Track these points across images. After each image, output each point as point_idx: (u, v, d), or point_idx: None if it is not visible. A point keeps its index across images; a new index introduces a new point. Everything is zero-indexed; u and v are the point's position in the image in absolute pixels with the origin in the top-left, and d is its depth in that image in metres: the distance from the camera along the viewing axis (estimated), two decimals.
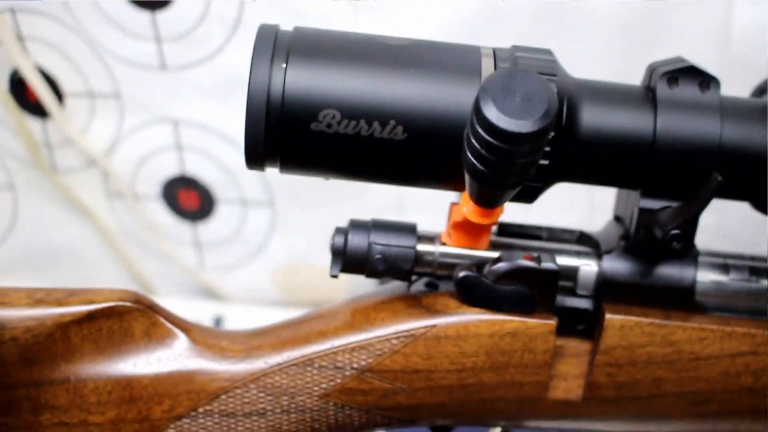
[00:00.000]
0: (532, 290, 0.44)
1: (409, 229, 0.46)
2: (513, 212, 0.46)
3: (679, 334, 0.44)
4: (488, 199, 0.41)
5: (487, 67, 0.42)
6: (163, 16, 0.66)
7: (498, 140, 0.36)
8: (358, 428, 0.47)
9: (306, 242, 0.76)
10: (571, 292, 0.46)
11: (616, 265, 0.45)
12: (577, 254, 0.46)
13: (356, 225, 0.46)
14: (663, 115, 0.42)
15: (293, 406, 0.46)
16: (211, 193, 0.75)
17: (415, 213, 0.60)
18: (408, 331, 0.45)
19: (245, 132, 0.42)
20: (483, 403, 0.46)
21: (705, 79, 0.43)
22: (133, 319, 0.46)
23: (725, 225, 0.63)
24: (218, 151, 0.72)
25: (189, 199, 0.75)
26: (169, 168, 0.74)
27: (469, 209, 0.42)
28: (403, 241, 0.45)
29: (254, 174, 0.71)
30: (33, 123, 0.73)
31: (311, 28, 0.43)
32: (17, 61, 0.68)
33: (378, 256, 0.45)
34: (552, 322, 0.44)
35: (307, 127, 0.41)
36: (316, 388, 0.46)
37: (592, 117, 0.43)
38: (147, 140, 0.72)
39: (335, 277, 0.46)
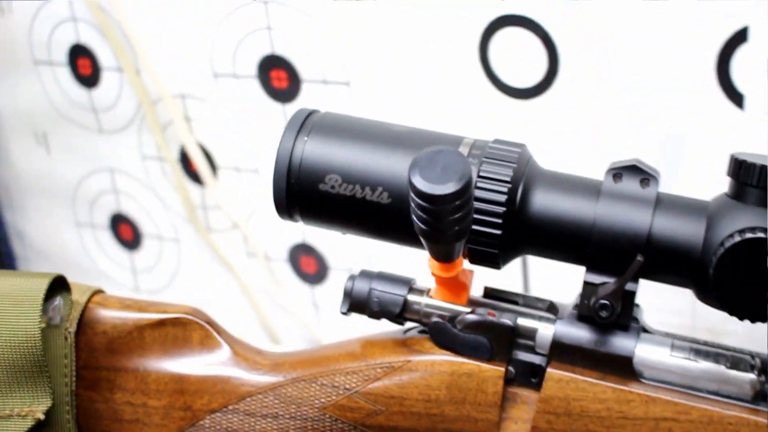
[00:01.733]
0: (490, 341, 0.53)
1: (404, 282, 0.56)
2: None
3: (609, 393, 0.51)
4: (437, 253, 0.51)
5: (461, 152, 0.52)
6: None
7: (423, 201, 0.46)
8: None
9: None
10: (531, 349, 0.54)
11: (566, 330, 0.52)
12: (540, 318, 0.54)
13: (364, 273, 0.57)
14: (602, 204, 0.50)
15: (299, 414, 0.56)
16: (326, 261, 0.88)
17: None
18: (389, 363, 0.55)
19: (273, 187, 0.54)
20: None
21: (645, 177, 0.51)
22: (192, 329, 0.59)
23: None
24: None
25: (308, 264, 0.89)
26: (293, 236, 0.88)
27: (431, 264, 0.52)
28: (396, 290, 0.56)
29: (360, 246, 0.83)
30: (193, 188, 0.90)
31: (337, 113, 0.56)
32: (183, 138, 0.86)
33: (375, 299, 0.56)
34: (501, 369, 0.52)
35: (316, 187, 0.53)
36: (316, 401, 0.56)
37: (544, 200, 0.52)
38: None
39: (344, 314, 0.57)
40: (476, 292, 0.57)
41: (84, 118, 0.92)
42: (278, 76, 0.80)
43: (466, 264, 0.54)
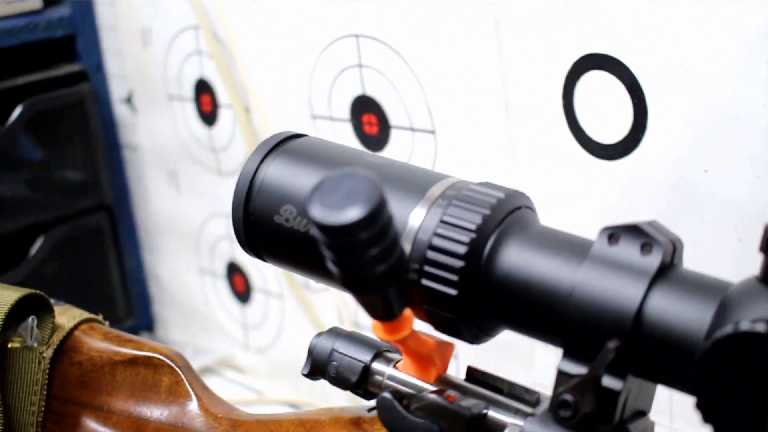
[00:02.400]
0: (441, 428, 0.42)
1: (373, 346, 0.46)
2: None
3: None
4: (368, 307, 0.41)
5: (434, 192, 0.42)
6: None
7: (322, 234, 0.37)
8: None
9: None
10: None
11: (534, 428, 0.41)
12: (515, 412, 0.42)
13: (331, 331, 0.48)
14: (586, 270, 0.38)
15: None
16: None
17: None
18: None
19: (232, 216, 0.47)
20: None
21: (648, 242, 0.38)
22: (164, 373, 0.53)
23: None
24: None
25: None
26: None
27: (373, 324, 0.42)
28: (359, 355, 0.46)
29: None
30: None
31: (317, 138, 0.48)
32: None
33: (334, 363, 0.47)
34: None
35: (271, 218, 0.45)
36: None
37: (517, 258, 0.40)
38: None
39: (306, 376, 0.48)
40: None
41: (206, 157, 0.90)
42: (369, 121, 0.73)
43: (446, 337, 0.44)
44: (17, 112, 0.87)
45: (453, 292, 0.40)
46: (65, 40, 1.01)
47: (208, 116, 0.87)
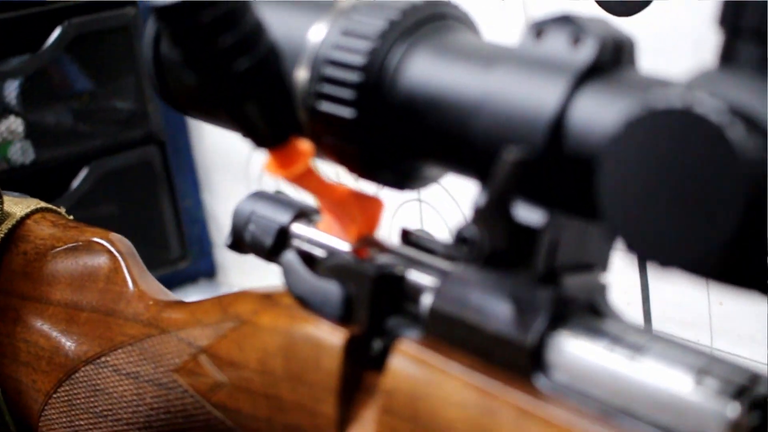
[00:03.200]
0: (348, 294, 0.35)
1: (294, 207, 0.39)
2: None
3: (471, 396, 0.30)
4: (246, 129, 0.33)
5: (344, 4, 0.35)
6: None
7: (162, 20, 0.30)
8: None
9: None
10: (416, 318, 0.34)
11: (450, 287, 0.32)
12: (444, 274, 0.34)
13: (254, 195, 0.41)
14: (501, 74, 0.30)
15: (154, 377, 0.42)
16: None
17: None
18: (239, 315, 0.38)
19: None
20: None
21: (579, 35, 0.29)
22: (103, 259, 0.48)
23: None
24: None
25: None
26: None
27: (267, 162, 0.35)
28: (276, 216, 0.39)
29: None
30: None
31: None
32: None
33: (250, 227, 0.39)
34: (341, 336, 0.34)
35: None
36: (171, 361, 0.41)
37: (423, 69, 0.32)
38: None
39: (229, 247, 0.41)
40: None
41: None
42: None
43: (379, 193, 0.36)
44: (56, 33, 0.84)
45: (350, 113, 0.33)
46: None
47: None
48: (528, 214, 0.30)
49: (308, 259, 0.37)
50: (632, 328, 0.29)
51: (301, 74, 0.35)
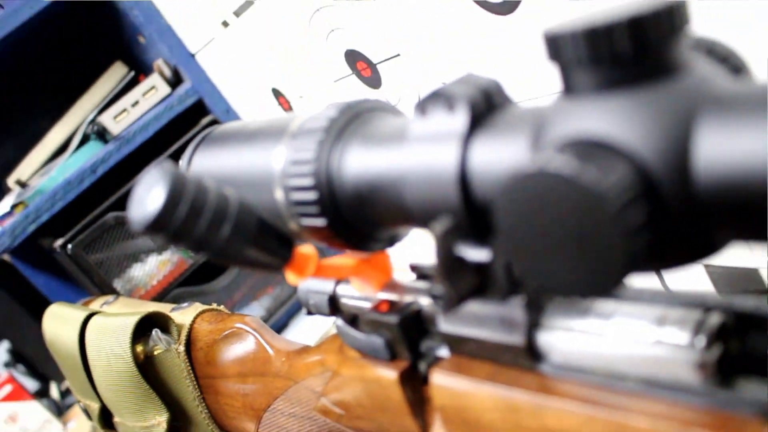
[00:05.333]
0: (387, 339, 0.44)
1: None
2: None
3: (497, 398, 0.39)
4: (257, 266, 0.40)
5: (289, 131, 0.42)
6: None
7: (153, 234, 0.36)
8: None
9: None
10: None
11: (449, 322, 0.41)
12: None
13: None
14: (407, 153, 0.36)
15: (306, 414, 0.54)
16: None
17: None
18: (330, 368, 0.50)
19: None
20: None
21: (450, 101, 0.34)
22: (247, 338, 0.63)
23: None
24: None
25: None
26: None
27: (285, 276, 0.42)
28: (324, 287, 0.50)
29: None
30: None
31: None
32: None
33: (311, 301, 0.50)
34: (394, 372, 0.44)
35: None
36: (308, 403, 0.53)
37: (355, 166, 0.39)
38: None
39: (308, 314, 0.53)
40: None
41: None
42: None
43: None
44: None
45: (323, 222, 0.40)
46: (196, 105, 1.49)
47: None
48: (477, 253, 0.35)
49: (353, 316, 0.48)
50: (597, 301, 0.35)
51: (279, 195, 0.41)
